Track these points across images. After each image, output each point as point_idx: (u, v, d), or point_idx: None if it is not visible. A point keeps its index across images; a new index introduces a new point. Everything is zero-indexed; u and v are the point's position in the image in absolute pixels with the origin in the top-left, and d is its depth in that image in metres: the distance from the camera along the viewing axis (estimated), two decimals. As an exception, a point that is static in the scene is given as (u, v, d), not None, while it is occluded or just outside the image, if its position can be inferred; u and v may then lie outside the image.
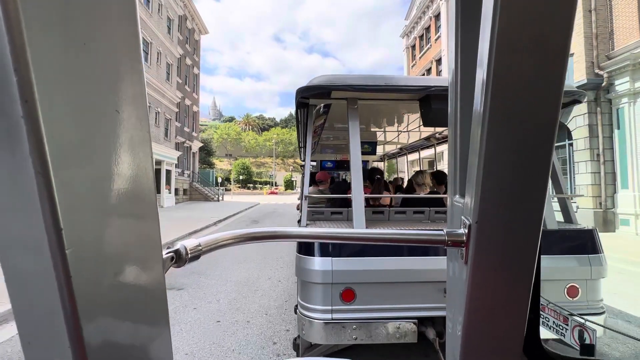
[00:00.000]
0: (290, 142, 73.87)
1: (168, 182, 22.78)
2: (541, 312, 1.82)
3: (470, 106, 0.59)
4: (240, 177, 52.87)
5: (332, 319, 2.18)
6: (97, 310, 0.38)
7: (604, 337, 3.23)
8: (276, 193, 50.79)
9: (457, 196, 0.72)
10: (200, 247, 0.56)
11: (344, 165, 7.49)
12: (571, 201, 2.82)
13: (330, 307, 2.20)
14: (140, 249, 0.44)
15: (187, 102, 27.53)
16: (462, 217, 0.63)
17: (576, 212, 2.76)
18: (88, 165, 0.37)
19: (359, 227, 2.31)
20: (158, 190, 21.09)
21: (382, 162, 8.40)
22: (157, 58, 20.49)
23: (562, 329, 1.69)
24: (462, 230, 0.62)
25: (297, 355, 2.60)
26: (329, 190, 3.90)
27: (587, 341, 1.54)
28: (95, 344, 0.37)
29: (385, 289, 2.24)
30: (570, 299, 2.33)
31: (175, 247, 0.53)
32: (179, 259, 0.53)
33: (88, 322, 0.36)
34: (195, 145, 29.73)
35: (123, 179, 0.41)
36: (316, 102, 2.78)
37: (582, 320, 1.62)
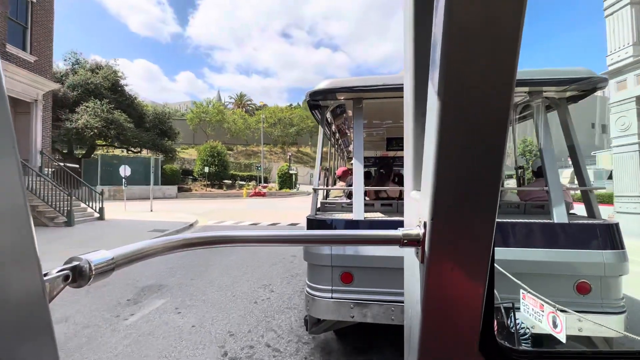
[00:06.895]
0: (292, 122, 54.21)
1: None
2: (521, 300, 1.82)
3: (424, 100, 0.58)
4: (207, 170, 32.09)
5: (332, 298, 2.58)
6: None
7: (623, 338, 2.78)
8: (263, 194, 30.24)
9: (413, 192, 0.72)
10: (113, 261, 0.48)
11: (385, 160, 7.85)
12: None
13: (330, 287, 2.60)
14: (3, 268, 0.36)
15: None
16: (418, 215, 0.63)
17: None
18: None
19: (358, 217, 2.72)
20: None
21: None
22: None
23: (539, 316, 1.73)
24: (417, 229, 0.60)
25: (307, 329, 2.87)
26: (346, 185, 4.35)
27: (559, 328, 1.59)
28: None
29: (381, 274, 2.54)
30: (580, 295, 2.30)
31: (74, 263, 0.44)
32: (79, 276, 0.44)
33: None
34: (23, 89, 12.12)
35: None
36: (327, 103, 3.21)
37: (554, 307, 1.64)
